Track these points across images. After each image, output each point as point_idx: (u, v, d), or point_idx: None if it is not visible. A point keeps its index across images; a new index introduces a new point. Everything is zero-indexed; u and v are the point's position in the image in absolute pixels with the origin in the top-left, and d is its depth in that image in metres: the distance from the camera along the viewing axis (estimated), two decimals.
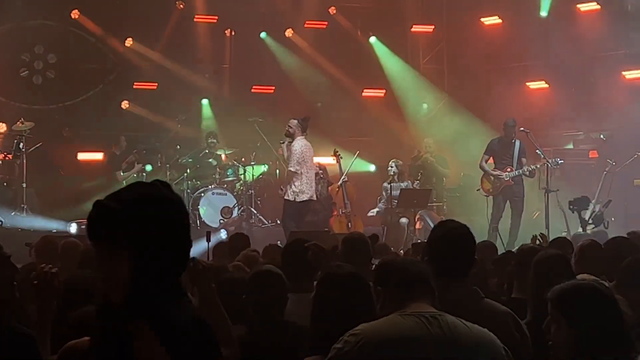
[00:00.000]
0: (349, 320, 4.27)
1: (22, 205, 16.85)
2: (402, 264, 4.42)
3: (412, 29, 21.42)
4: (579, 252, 7.50)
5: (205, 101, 20.60)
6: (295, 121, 15.89)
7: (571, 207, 12.16)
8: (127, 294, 2.91)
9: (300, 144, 15.85)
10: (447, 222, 5.45)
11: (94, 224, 2.95)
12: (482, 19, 20.57)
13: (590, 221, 11.12)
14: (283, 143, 16.26)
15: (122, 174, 18.13)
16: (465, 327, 4.05)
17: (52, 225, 16.39)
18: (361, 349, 3.92)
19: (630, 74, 18.64)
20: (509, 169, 16.58)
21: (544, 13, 19.67)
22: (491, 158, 16.89)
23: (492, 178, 16.76)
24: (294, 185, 15.71)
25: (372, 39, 21.23)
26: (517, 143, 16.70)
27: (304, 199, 15.83)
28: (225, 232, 16.18)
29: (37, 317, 4.67)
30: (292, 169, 15.64)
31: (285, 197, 15.82)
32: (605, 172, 16.46)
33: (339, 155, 18.26)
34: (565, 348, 3.83)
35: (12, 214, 16.68)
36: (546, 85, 19.93)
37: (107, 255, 2.94)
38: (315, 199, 16.20)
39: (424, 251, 5.24)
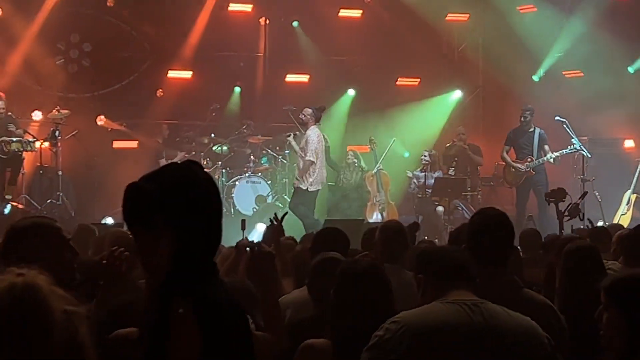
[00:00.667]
0: (366, 313, 4.38)
1: (58, 193, 16.95)
2: (443, 252, 4.43)
3: (447, 18, 21.29)
4: (617, 242, 7.46)
5: (237, 89, 20.61)
6: (310, 110, 15.99)
7: (547, 198, 11.99)
8: (167, 275, 2.94)
9: (315, 133, 15.92)
10: (486, 210, 5.39)
11: (131, 208, 2.96)
12: (518, 8, 20.43)
13: (567, 213, 10.90)
14: (289, 136, 16.45)
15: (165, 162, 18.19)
16: (507, 315, 4.06)
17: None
18: (402, 336, 3.93)
19: None
20: (529, 159, 16.53)
21: None
22: (512, 149, 16.84)
23: (513, 169, 16.72)
24: (309, 174, 15.80)
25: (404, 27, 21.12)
26: (537, 131, 16.63)
27: (318, 189, 16.01)
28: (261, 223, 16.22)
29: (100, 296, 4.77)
30: (310, 159, 15.67)
31: (301, 186, 15.86)
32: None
33: (375, 143, 18.25)
34: (617, 337, 3.78)
35: (48, 201, 16.80)
36: (581, 74, 19.79)
37: (146, 239, 2.95)
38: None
39: (464, 239, 5.21)
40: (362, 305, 4.49)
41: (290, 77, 20.89)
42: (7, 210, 16.24)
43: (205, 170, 3.11)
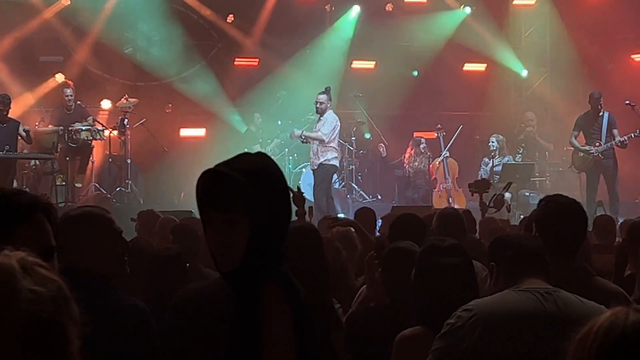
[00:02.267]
0: (451, 297, 4.33)
1: (127, 181, 17.14)
2: (516, 240, 4.41)
3: (514, 2, 21.13)
4: None
5: None
6: (324, 95, 16.12)
7: (470, 189, 11.80)
8: (243, 261, 2.96)
9: (333, 115, 16.28)
10: (557, 197, 5.29)
11: (214, 193, 2.98)
12: None
13: (491, 204, 10.68)
14: (301, 134, 16.67)
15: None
16: (580, 303, 4.03)
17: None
18: (474, 324, 3.92)
19: None
20: (597, 144, 16.34)
21: None
22: (581, 133, 16.67)
23: (581, 154, 16.54)
24: (328, 154, 16.10)
25: (467, 10, 20.99)
26: (606, 115, 16.45)
27: (335, 165, 16.43)
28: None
29: None
30: (326, 138, 15.98)
31: (314, 168, 16.35)
32: None
33: (442, 130, 18.21)
34: None
35: (117, 189, 17.00)
36: None
37: (226, 224, 2.96)
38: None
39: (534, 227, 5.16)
40: (448, 286, 4.49)
41: (357, 64, 20.86)
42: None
43: (275, 162, 3.16)
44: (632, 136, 16.22)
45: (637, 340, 1.96)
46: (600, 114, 16.46)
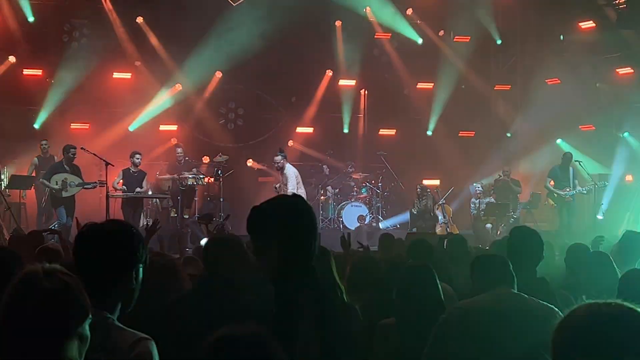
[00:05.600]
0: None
1: (220, 214, 17.23)
2: (490, 258, 4.42)
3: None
4: None
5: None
6: (279, 156, 14.99)
7: (198, 220, 11.66)
8: (277, 274, 2.92)
9: (292, 169, 15.00)
10: (522, 227, 5.35)
11: (252, 222, 2.99)
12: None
13: (215, 231, 10.13)
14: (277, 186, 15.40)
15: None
16: (538, 303, 4.05)
17: None
18: (461, 316, 3.96)
19: None
20: (567, 189, 16.19)
21: None
22: (552, 181, 16.52)
23: (556, 195, 16.36)
24: None
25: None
26: (571, 170, 16.30)
27: None
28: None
29: None
30: (298, 192, 14.40)
31: None
32: None
33: (437, 191, 18.20)
34: None
35: (214, 219, 17.06)
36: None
37: (259, 245, 2.97)
38: None
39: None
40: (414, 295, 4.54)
41: (383, 131, 20.91)
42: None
43: (305, 201, 3.12)
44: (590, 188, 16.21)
45: (609, 325, 1.94)
46: (570, 167, 16.32)
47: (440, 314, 4.11)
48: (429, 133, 20.80)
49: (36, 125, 18.06)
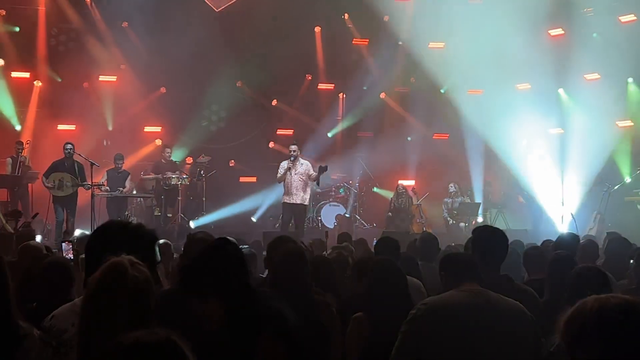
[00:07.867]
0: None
1: (202, 212, 17.22)
2: (458, 256, 4.42)
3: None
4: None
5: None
6: (295, 146, 14.34)
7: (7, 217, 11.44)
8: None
9: (307, 161, 14.48)
10: (486, 227, 5.31)
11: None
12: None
13: (21, 228, 10.16)
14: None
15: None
16: (503, 300, 4.03)
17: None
18: (428, 312, 3.92)
19: None
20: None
21: None
22: None
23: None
24: (307, 193, 14.33)
25: None
26: None
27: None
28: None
29: None
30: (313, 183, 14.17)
31: (305, 203, 14.32)
32: None
33: (414, 190, 18.19)
34: None
35: (196, 218, 17.08)
36: None
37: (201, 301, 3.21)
38: None
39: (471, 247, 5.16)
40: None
41: (361, 133, 20.84)
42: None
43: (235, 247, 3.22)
44: None
45: (622, 315, 2.01)
46: None
47: (408, 307, 4.10)
48: (409, 139, 20.71)
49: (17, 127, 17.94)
